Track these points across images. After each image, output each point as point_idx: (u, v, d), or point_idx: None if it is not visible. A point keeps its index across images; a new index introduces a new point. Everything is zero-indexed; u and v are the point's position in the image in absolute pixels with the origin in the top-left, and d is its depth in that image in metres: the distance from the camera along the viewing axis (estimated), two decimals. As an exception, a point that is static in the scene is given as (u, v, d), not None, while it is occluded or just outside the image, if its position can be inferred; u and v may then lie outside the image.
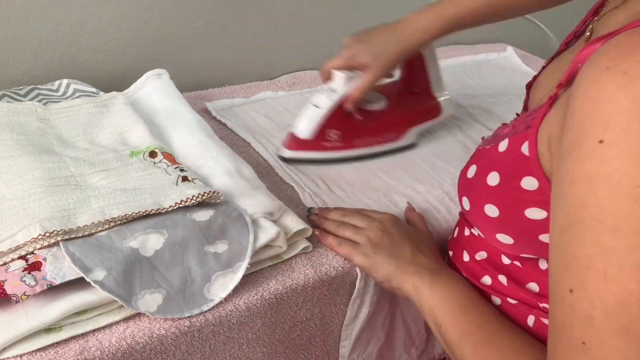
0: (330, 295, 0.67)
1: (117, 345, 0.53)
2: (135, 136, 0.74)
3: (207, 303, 0.58)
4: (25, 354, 0.51)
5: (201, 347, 0.59)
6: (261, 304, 0.61)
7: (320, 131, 0.82)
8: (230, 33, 1.03)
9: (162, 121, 0.80)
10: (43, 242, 0.55)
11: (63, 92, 0.84)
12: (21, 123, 0.71)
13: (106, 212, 0.60)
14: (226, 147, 0.77)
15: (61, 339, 0.52)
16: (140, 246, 0.57)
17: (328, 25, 1.13)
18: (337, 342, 0.72)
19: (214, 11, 0.99)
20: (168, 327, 0.56)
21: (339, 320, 0.70)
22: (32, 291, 0.51)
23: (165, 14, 0.95)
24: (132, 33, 0.94)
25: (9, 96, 0.80)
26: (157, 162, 0.69)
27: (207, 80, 1.04)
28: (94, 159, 0.68)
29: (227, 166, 0.73)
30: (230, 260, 0.60)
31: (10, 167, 0.63)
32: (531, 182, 0.51)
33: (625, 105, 0.39)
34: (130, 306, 0.54)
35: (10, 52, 0.86)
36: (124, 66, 0.95)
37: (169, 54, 0.99)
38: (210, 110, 0.95)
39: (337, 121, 0.82)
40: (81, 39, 0.90)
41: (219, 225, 0.62)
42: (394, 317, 0.76)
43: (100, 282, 0.53)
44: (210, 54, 1.03)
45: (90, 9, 0.88)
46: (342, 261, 0.67)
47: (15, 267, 0.53)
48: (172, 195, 0.64)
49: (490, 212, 0.57)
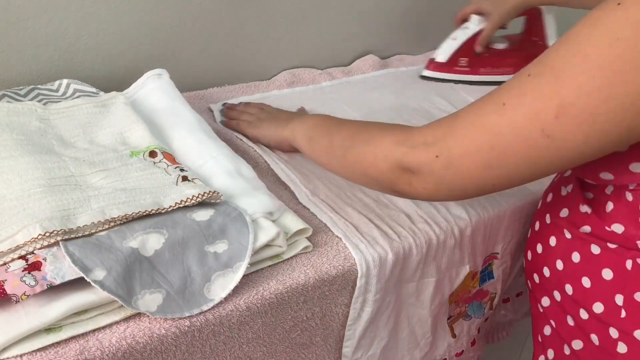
0: (331, 294, 0.67)
1: (117, 345, 0.53)
2: (135, 136, 0.74)
3: (207, 303, 0.58)
4: (25, 354, 0.51)
5: (201, 347, 0.59)
6: (261, 304, 0.61)
7: (454, 57, 1.10)
8: (230, 33, 1.03)
9: (162, 121, 0.80)
10: (43, 242, 0.55)
11: (63, 92, 0.84)
12: (21, 123, 0.71)
13: (106, 212, 0.60)
14: (226, 147, 0.77)
15: (61, 339, 0.52)
16: (140, 246, 0.57)
17: (327, 24, 1.13)
18: (338, 342, 0.72)
19: (213, 11, 0.99)
20: (168, 327, 0.56)
21: (339, 320, 0.70)
22: (32, 291, 0.51)
23: (165, 14, 0.95)
24: (132, 33, 0.94)
25: (9, 96, 0.80)
26: (157, 162, 0.69)
27: (207, 80, 1.04)
28: (94, 159, 0.68)
29: (227, 166, 0.73)
30: (230, 260, 0.60)
31: (10, 167, 0.63)
32: None
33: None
34: (130, 306, 0.54)
35: (10, 52, 0.86)
36: (124, 66, 0.95)
37: (169, 54, 0.99)
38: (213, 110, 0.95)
39: (467, 51, 1.10)
40: (81, 39, 0.90)
41: (219, 225, 0.62)
42: (399, 317, 0.76)
43: (100, 282, 0.53)
44: (210, 54, 1.03)
45: (90, 9, 0.88)
46: (342, 260, 0.67)
47: (15, 267, 0.53)
48: (172, 195, 0.64)
49: None
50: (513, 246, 0.84)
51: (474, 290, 0.84)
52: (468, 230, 0.75)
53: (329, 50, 1.16)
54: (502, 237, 0.81)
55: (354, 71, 1.16)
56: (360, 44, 1.20)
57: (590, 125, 0.49)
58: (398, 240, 0.70)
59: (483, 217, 0.77)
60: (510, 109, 0.52)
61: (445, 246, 0.74)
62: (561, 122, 0.50)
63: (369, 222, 0.72)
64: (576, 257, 0.66)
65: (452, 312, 0.83)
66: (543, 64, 0.52)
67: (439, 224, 0.74)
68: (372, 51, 1.22)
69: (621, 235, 0.61)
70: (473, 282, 0.82)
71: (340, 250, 0.68)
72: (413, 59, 1.25)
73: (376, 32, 1.20)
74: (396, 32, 1.23)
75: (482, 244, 0.79)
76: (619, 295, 0.62)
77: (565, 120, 0.49)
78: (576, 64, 0.49)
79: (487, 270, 0.84)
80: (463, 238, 0.75)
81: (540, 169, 0.54)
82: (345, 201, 0.76)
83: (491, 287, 0.86)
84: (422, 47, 1.29)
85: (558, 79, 0.50)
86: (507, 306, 0.95)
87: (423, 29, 1.27)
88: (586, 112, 0.49)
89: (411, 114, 1.01)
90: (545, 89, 0.50)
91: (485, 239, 0.79)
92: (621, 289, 0.61)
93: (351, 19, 1.15)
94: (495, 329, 0.99)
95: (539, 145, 0.51)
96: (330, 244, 0.69)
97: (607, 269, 0.63)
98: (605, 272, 0.63)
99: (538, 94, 0.51)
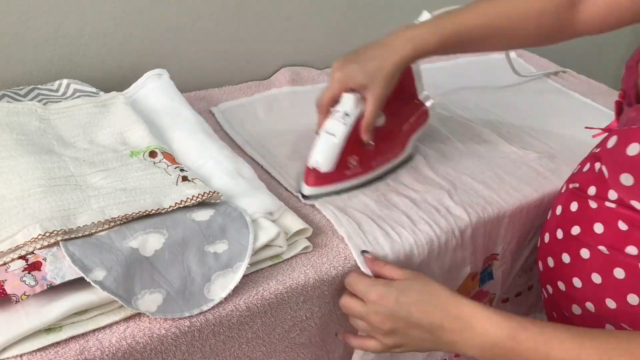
0: (330, 294, 0.67)
1: (117, 345, 0.53)
2: (135, 136, 0.74)
3: (207, 303, 0.58)
4: (25, 354, 0.51)
5: (201, 347, 0.59)
6: (261, 304, 0.61)
7: (341, 161, 0.76)
8: (230, 33, 1.03)
9: (162, 121, 0.80)
10: (43, 242, 0.55)
11: (63, 92, 0.84)
12: (21, 123, 0.71)
13: (106, 212, 0.60)
14: (226, 147, 0.77)
15: (61, 339, 0.52)
16: (140, 246, 0.57)
17: (327, 24, 1.13)
18: (337, 341, 0.72)
19: (213, 11, 0.99)
20: (168, 327, 0.56)
21: (338, 320, 0.70)
22: (32, 291, 0.51)
23: (165, 14, 0.95)
24: (132, 33, 0.94)
25: (9, 96, 0.80)
26: (157, 162, 0.69)
27: (207, 80, 1.04)
28: (94, 159, 0.68)
29: (227, 166, 0.73)
30: (230, 260, 0.60)
31: (10, 167, 0.63)
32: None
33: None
34: (130, 306, 0.54)
35: (10, 52, 0.86)
36: (124, 66, 0.95)
37: (169, 54, 0.99)
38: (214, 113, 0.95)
39: (354, 146, 0.76)
40: (81, 39, 0.90)
41: (219, 225, 0.62)
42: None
43: (100, 282, 0.53)
44: (210, 54, 1.03)
45: (90, 9, 0.88)
46: (342, 261, 0.67)
47: (15, 267, 0.53)
48: (172, 195, 0.64)
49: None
50: (513, 247, 0.84)
51: (473, 291, 0.84)
52: (468, 231, 0.75)
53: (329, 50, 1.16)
54: (503, 237, 0.81)
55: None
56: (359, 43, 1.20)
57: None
58: (399, 241, 0.70)
59: (483, 218, 0.77)
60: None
61: (447, 247, 0.74)
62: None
63: (372, 222, 0.72)
64: (620, 274, 0.63)
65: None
66: None
67: (439, 224, 0.74)
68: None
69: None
70: (473, 282, 0.82)
71: (340, 250, 0.68)
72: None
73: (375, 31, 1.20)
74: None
75: (482, 245, 0.79)
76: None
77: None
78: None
79: (487, 271, 0.84)
80: (464, 239, 0.75)
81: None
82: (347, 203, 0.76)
83: (491, 287, 0.86)
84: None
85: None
86: (506, 306, 0.95)
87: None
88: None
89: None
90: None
91: (485, 239, 0.79)
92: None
93: (351, 19, 1.15)
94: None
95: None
96: (330, 244, 0.69)
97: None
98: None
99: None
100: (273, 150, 0.86)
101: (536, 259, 0.76)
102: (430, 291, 0.62)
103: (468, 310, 0.59)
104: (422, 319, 0.60)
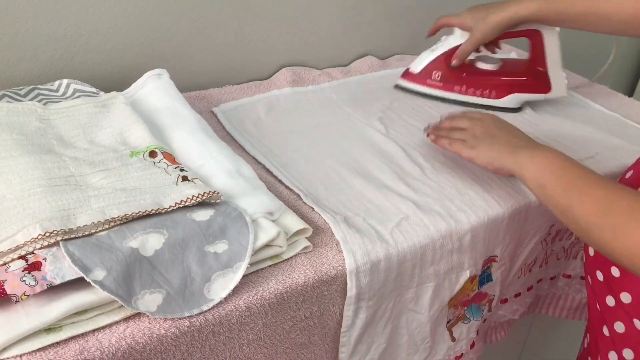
0: (330, 294, 0.67)
1: (117, 345, 0.53)
2: (135, 136, 0.74)
3: (207, 303, 0.58)
4: (25, 354, 0.51)
5: (201, 347, 0.59)
6: (261, 304, 0.62)
7: (428, 70, 1.02)
8: (230, 33, 1.03)
9: (162, 121, 0.80)
10: (43, 242, 0.55)
11: (63, 92, 0.84)
12: (21, 123, 0.71)
13: (106, 212, 0.60)
14: (226, 147, 0.77)
15: (61, 339, 0.52)
16: (140, 246, 0.57)
17: (327, 24, 1.13)
18: (336, 341, 0.72)
19: (213, 11, 0.99)
20: (168, 327, 0.56)
21: (336, 319, 0.70)
22: (32, 291, 0.51)
23: (166, 14, 0.95)
24: (132, 33, 0.94)
25: (9, 96, 0.80)
26: (157, 162, 0.69)
27: (207, 80, 1.04)
28: (94, 159, 0.68)
29: (227, 166, 0.73)
30: (230, 260, 0.60)
31: (10, 167, 0.63)
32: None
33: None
34: (130, 306, 0.54)
35: (10, 52, 0.86)
36: (124, 66, 0.95)
37: (169, 54, 0.99)
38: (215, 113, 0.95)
39: (443, 65, 1.01)
40: (81, 39, 0.90)
41: (219, 225, 0.62)
42: (398, 323, 0.76)
43: (100, 282, 0.53)
44: (210, 54, 1.03)
45: (90, 9, 0.88)
46: (342, 261, 0.67)
47: (15, 267, 0.53)
48: (172, 195, 0.64)
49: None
50: (512, 248, 0.84)
51: (472, 293, 0.84)
52: (468, 234, 0.75)
53: (329, 50, 1.16)
54: (501, 239, 0.81)
55: (353, 71, 1.16)
56: (359, 44, 1.20)
57: None
58: (393, 244, 0.70)
59: (483, 220, 0.76)
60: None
61: (443, 250, 0.74)
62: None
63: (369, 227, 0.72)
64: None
65: (450, 315, 0.83)
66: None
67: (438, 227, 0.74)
68: (371, 51, 1.22)
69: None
70: (472, 285, 0.82)
71: (340, 251, 0.68)
72: (413, 58, 1.25)
73: (375, 32, 1.20)
74: (396, 32, 1.23)
75: (481, 247, 0.79)
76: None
77: None
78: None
79: (485, 273, 0.84)
80: (462, 242, 0.75)
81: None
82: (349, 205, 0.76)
83: (490, 289, 0.86)
84: (422, 47, 1.29)
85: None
86: (505, 307, 0.95)
87: (423, 29, 1.27)
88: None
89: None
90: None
91: (484, 242, 0.78)
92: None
93: (350, 19, 1.15)
94: (493, 329, 0.99)
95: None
96: (330, 244, 0.69)
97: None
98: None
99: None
100: (275, 149, 0.86)
101: (536, 259, 0.76)
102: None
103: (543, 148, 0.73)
104: (510, 136, 0.77)
